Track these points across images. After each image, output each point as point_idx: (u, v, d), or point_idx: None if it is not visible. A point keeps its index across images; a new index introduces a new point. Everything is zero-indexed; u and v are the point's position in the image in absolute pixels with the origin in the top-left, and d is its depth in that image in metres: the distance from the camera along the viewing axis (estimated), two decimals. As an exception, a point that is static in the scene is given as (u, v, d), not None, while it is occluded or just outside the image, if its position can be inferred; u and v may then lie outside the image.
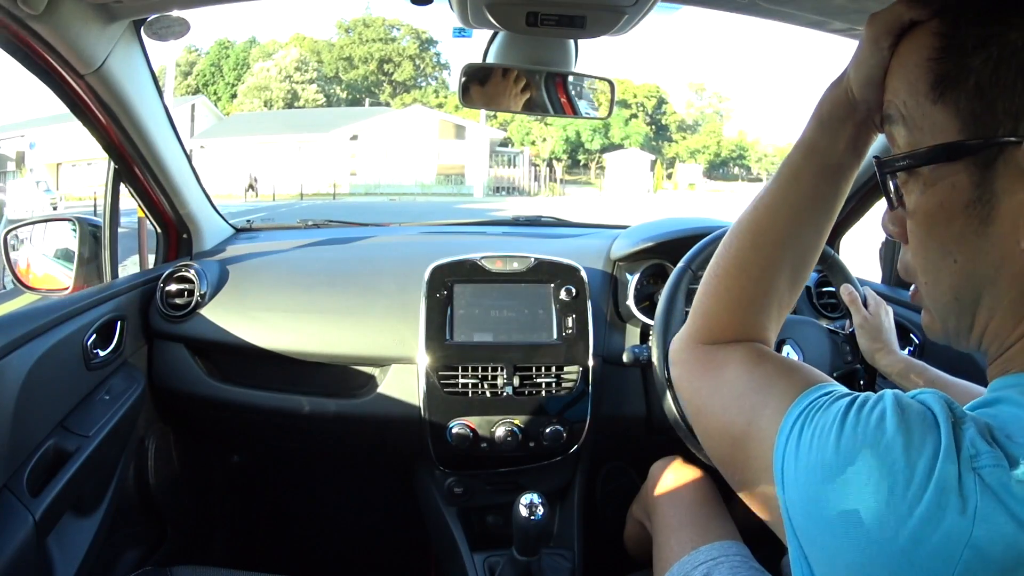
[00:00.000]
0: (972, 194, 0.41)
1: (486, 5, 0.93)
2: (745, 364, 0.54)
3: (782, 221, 0.57)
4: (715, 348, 0.58)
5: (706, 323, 0.60)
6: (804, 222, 0.57)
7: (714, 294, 0.60)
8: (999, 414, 0.39)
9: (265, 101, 41.39)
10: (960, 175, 0.41)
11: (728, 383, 0.54)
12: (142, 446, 1.33)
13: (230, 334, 1.29)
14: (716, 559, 0.95)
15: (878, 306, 1.06)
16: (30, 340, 0.94)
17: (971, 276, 0.42)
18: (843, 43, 1.03)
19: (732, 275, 0.59)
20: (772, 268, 0.57)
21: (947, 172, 0.42)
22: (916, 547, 0.35)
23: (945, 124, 0.41)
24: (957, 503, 0.34)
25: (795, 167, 0.56)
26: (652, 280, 1.39)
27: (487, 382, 1.24)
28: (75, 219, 1.33)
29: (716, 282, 0.60)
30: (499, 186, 31.62)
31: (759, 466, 0.46)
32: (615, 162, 36.58)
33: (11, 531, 0.84)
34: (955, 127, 0.41)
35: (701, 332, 0.60)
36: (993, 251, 0.41)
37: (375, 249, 1.57)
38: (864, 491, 0.37)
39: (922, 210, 0.44)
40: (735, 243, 0.59)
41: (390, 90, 48.53)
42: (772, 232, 0.57)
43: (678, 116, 48.38)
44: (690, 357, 0.60)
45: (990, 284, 0.42)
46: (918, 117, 0.43)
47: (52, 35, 0.93)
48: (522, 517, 1.05)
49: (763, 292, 0.58)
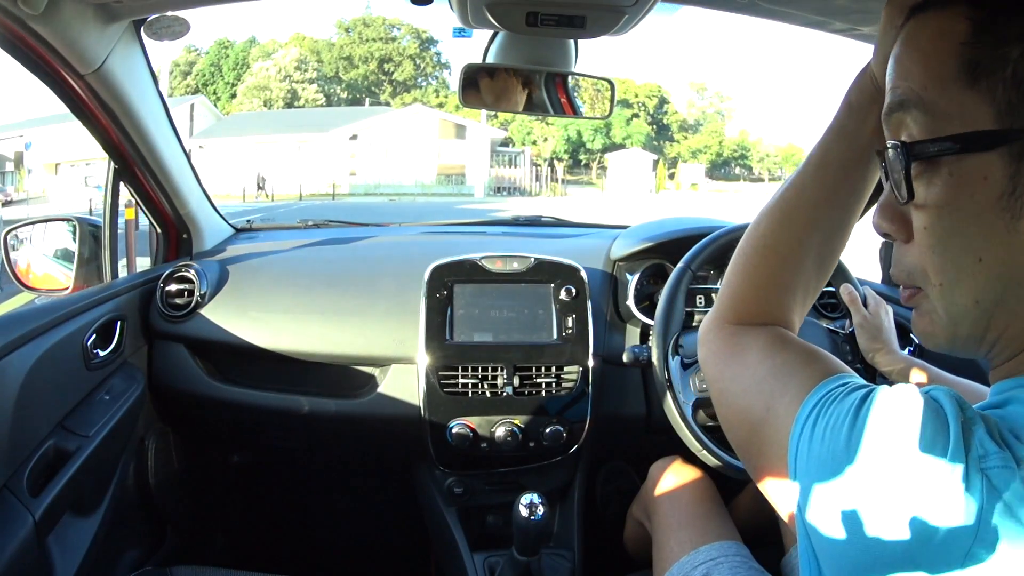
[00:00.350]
0: (1006, 187, 0.38)
1: (486, 5, 0.93)
2: (768, 349, 0.54)
3: (810, 201, 0.57)
4: (741, 330, 0.58)
5: (733, 302, 0.60)
6: (833, 204, 0.57)
7: (742, 272, 0.61)
8: (1008, 415, 0.39)
9: (265, 101, 41.40)
10: (994, 166, 0.38)
11: (750, 367, 0.54)
12: (142, 446, 1.33)
13: (230, 334, 1.29)
14: (716, 559, 0.95)
15: (878, 306, 1.06)
16: (30, 340, 0.94)
17: (997, 277, 0.40)
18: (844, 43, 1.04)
19: (760, 254, 0.59)
20: (800, 248, 0.58)
21: (979, 163, 0.39)
22: (921, 546, 0.35)
23: (977, 112, 0.39)
24: (963, 503, 0.34)
25: (825, 149, 0.56)
26: (652, 280, 1.38)
27: (487, 382, 1.24)
28: (75, 219, 1.34)
29: (744, 260, 0.61)
30: (500, 186, 31.59)
31: (775, 454, 0.46)
32: (617, 162, 36.48)
33: (11, 531, 0.84)
34: (990, 115, 0.39)
35: (728, 311, 0.61)
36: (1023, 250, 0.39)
37: (375, 249, 1.57)
38: (871, 486, 0.37)
39: (947, 203, 0.41)
40: (764, 222, 0.60)
41: (390, 90, 48.56)
42: (801, 211, 0.58)
43: (679, 116, 48.37)
44: (716, 338, 0.60)
45: (1016, 286, 0.40)
46: (943, 102, 0.41)
47: (52, 35, 0.92)
48: (522, 517, 1.05)
49: (790, 273, 0.58)
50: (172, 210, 1.40)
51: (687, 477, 1.14)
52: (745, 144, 46.86)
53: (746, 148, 46.66)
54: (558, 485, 1.37)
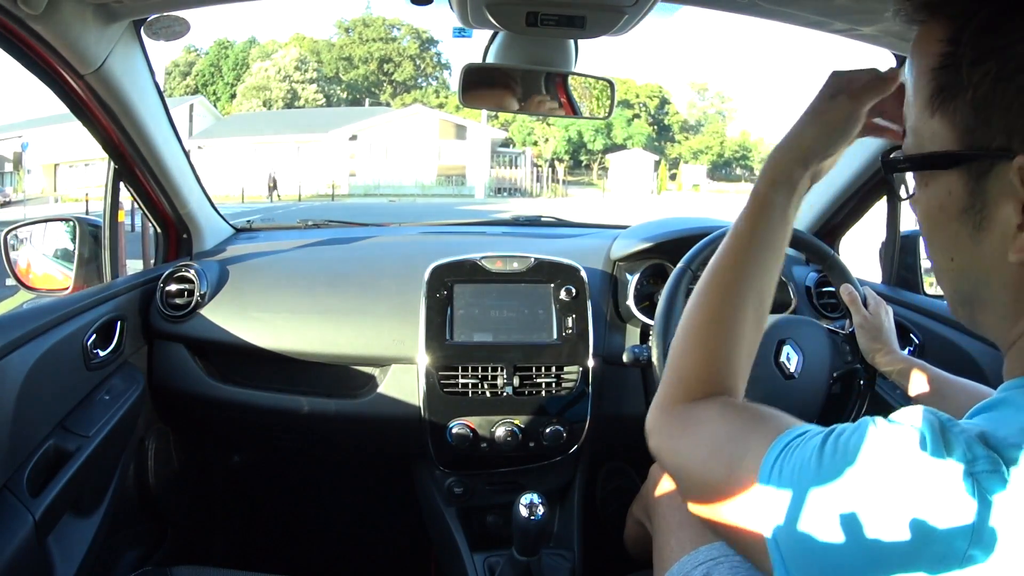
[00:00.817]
0: (966, 201, 0.43)
1: (486, 5, 0.93)
2: (721, 418, 0.55)
3: (747, 274, 0.61)
4: (689, 407, 0.60)
5: (683, 383, 0.62)
6: (766, 270, 0.62)
7: (691, 351, 0.62)
8: (996, 418, 0.40)
9: (264, 101, 41.32)
10: (956, 183, 0.43)
11: (705, 438, 0.55)
12: (142, 446, 1.33)
13: (230, 334, 1.29)
14: (716, 559, 0.95)
15: (878, 306, 1.06)
16: (30, 340, 0.94)
17: (967, 276, 0.45)
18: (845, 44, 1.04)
19: (707, 329, 0.62)
20: (740, 317, 0.61)
21: (943, 180, 0.44)
22: (921, 547, 0.35)
23: (942, 134, 0.43)
24: (961, 505, 0.35)
25: (753, 224, 0.62)
26: (652, 280, 1.38)
27: (487, 382, 1.24)
28: (75, 219, 1.34)
29: (690, 340, 0.63)
30: (501, 187, 31.54)
31: (741, 507, 0.47)
32: (618, 163, 36.22)
33: (11, 531, 0.84)
34: (952, 137, 0.43)
35: (677, 393, 0.62)
36: (985, 257, 0.43)
37: (375, 249, 1.57)
38: (845, 512, 0.38)
39: (923, 209, 0.47)
40: (704, 300, 0.63)
41: (390, 90, 48.51)
42: (739, 284, 0.61)
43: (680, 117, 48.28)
44: (667, 422, 0.61)
45: (984, 286, 0.45)
46: (919, 125, 0.46)
47: (52, 35, 0.93)
48: (522, 517, 1.05)
49: (735, 340, 0.61)
50: (172, 210, 1.41)
51: None
52: (746, 145, 46.72)
53: (747, 149, 46.52)
54: (558, 485, 1.37)
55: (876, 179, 1.37)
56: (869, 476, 0.38)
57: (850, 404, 1.06)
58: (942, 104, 0.43)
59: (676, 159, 43.93)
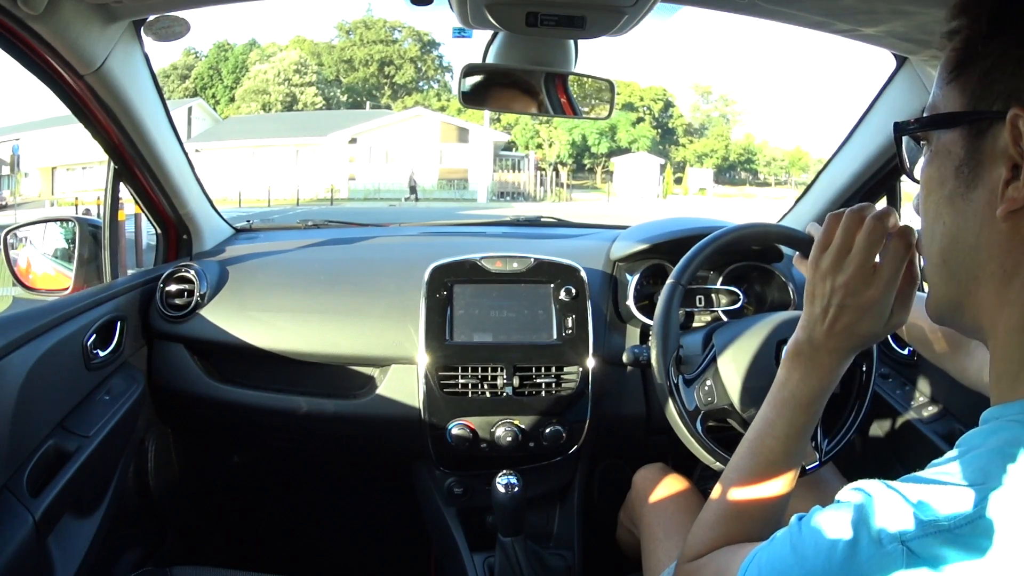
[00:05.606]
0: (962, 158, 0.46)
1: (486, 5, 0.93)
2: None
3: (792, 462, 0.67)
4: None
5: None
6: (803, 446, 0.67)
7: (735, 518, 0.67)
8: (946, 487, 0.41)
9: (263, 104, 41.26)
10: (956, 143, 0.47)
11: None
12: (142, 446, 1.33)
13: (230, 334, 1.29)
14: None
15: None
16: (30, 340, 0.94)
17: (956, 240, 0.47)
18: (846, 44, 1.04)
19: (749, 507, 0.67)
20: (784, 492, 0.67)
21: (947, 139, 0.48)
22: None
23: (952, 98, 0.47)
24: None
25: (790, 415, 0.66)
26: (652, 280, 1.38)
27: (487, 382, 1.24)
28: (75, 219, 1.34)
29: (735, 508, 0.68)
30: (504, 191, 31.30)
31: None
32: (623, 166, 35.48)
33: (11, 531, 0.84)
34: (962, 103, 0.46)
35: None
36: (975, 216, 0.45)
37: (375, 250, 1.57)
38: None
39: (925, 176, 0.51)
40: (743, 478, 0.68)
41: (391, 93, 48.52)
42: None
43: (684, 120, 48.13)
44: None
45: (973, 251, 0.46)
46: (935, 97, 0.49)
47: (52, 35, 0.93)
48: (500, 493, 1.04)
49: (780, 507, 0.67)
50: (172, 210, 1.41)
51: (672, 487, 1.13)
52: (751, 148, 46.45)
53: (752, 152, 46.27)
54: (558, 485, 1.37)
55: (877, 179, 1.37)
56: None
57: (850, 404, 1.05)
58: (957, 76, 0.47)
59: (681, 163, 43.73)
